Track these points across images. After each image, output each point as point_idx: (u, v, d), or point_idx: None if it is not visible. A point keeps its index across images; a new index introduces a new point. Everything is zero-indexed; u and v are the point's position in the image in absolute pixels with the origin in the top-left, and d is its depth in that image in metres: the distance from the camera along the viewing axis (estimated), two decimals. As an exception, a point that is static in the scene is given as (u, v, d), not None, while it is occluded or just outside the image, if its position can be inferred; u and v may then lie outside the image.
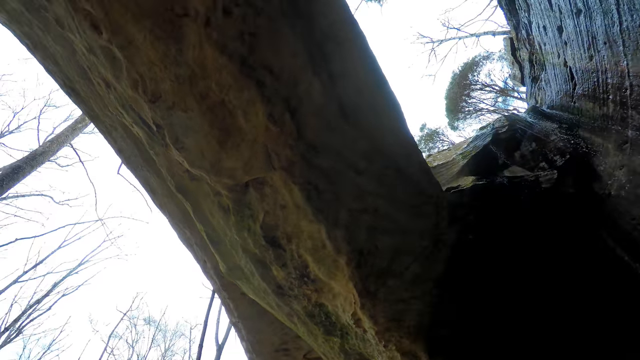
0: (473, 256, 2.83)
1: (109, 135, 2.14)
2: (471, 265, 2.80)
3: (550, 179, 3.53)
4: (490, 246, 2.93)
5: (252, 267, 2.34)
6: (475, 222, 3.02)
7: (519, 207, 3.25)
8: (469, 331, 2.61)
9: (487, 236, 2.97)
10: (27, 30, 2.12)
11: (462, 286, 2.71)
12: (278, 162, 1.71)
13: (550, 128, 4.31)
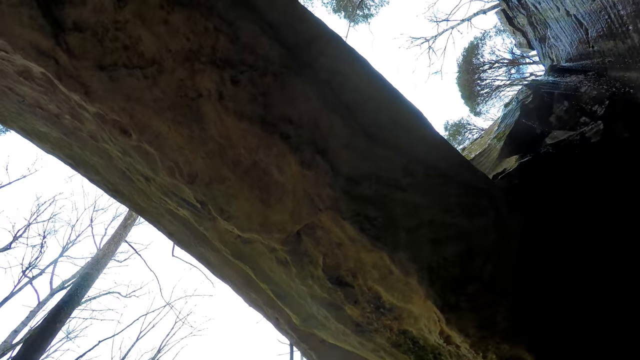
0: (545, 237, 2.62)
1: (158, 223, 2.26)
2: (546, 247, 2.59)
3: (597, 131, 3.28)
4: (559, 221, 2.72)
5: (325, 312, 2.28)
6: (534, 200, 2.83)
7: (574, 171, 3.03)
8: (566, 320, 2.37)
9: (553, 212, 2.76)
10: (68, 151, 2.34)
11: (542, 274, 2.50)
12: (322, 203, 1.71)
13: (577, 80, 4.09)
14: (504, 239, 2.47)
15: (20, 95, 1.92)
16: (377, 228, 1.86)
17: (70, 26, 1.76)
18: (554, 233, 2.60)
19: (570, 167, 3.03)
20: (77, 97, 1.78)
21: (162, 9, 1.69)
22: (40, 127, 2.13)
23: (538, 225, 2.61)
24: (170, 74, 1.58)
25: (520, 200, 2.75)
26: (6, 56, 1.74)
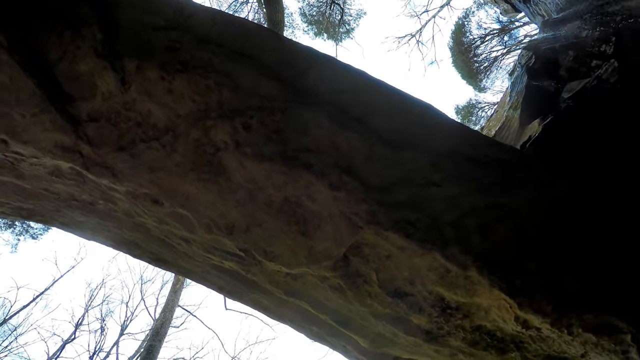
0: (588, 193, 2.48)
1: (205, 281, 2.29)
2: (591, 203, 2.44)
3: (613, 69, 3.15)
4: (598, 174, 2.57)
5: (391, 328, 2.21)
6: (568, 159, 2.70)
7: (601, 116, 2.89)
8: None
9: (589, 165, 2.62)
10: (107, 233, 2.44)
11: (596, 231, 2.35)
12: (361, 220, 1.69)
13: (575, 27, 3.97)
14: (550, 206, 2.35)
15: (55, 193, 2.04)
16: (422, 230, 1.81)
17: (85, 119, 1.87)
18: (596, 187, 2.46)
19: (596, 113, 2.89)
20: (106, 181, 1.86)
21: (164, 80, 1.78)
22: (77, 217, 2.24)
23: (579, 183, 2.48)
24: (185, 137, 1.64)
25: (555, 163, 2.64)
26: (37, 161, 1.86)
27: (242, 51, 1.78)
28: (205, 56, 1.79)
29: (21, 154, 1.94)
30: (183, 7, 1.99)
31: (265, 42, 1.93)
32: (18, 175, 2.00)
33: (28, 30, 1.96)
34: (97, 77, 1.90)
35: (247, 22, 2.02)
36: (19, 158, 1.97)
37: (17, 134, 1.90)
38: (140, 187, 1.70)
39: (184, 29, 1.93)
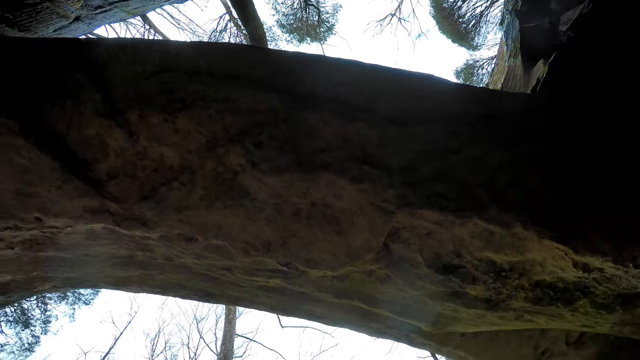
0: (609, 117, 2.36)
1: (256, 304, 2.31)
2: (615, 126, 2.32)
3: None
4: (616, 95, 2.44)
5: (450, 305, 2.16)
6: (585, 91, 2.59)
7: (608, 37, 2.75)
8: None
9: (605, 90, 2.50)
10: (152, 281, 2.50)
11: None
12: (392, 205, 1.67)
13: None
14: (576, 140, 2.26)
15: (95, 255, 2.11)
16: (455, 199, 1.77)
17: (105, 178, 1.93)
18: (617, 109, 2.34)
19: (600, 37, 2.76)
20: (139, 232, 1.91)
21: (167, 121, 1.82)
22: (120, 273, 2.32)
23: (599, 110, 2.37)
24: (202, 170, 1.67)
25: (570, 97, 2.53)
26: (72, 229, 1.93)
27: (234, 74, 1.81)
28: (200, 88, 1.82)
29: (56, 227, 2.02)
30: (168, 49, 2.03)
31: (253, 59, 1.95)
32: (58, 248, 2.08)
33: (33, 110, 2.05)
34: (105, 136, 1.97)
35: (231, 44, 2.05)
36: (55, 231, 2.05)
37: (48, 209, 1.98)
38: (172, 229, 1.74)
39: (173, 69, 1.97)
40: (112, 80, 2.06)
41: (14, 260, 2.25)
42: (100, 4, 3.78)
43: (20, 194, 1.97)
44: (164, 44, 2.12)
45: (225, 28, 10.28)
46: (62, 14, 3.56)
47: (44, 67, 2.20)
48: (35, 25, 3.53)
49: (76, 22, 3.76)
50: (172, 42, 2.13)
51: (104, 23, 4.28)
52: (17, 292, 2.41)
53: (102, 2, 3.76)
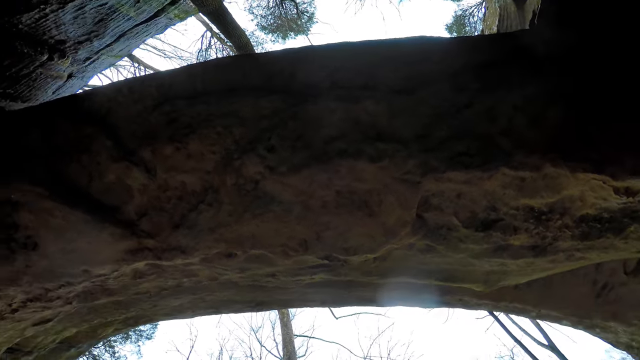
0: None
1: (306, 302, 2.34)
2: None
3: None
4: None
5: (497, 260, 2.12)
6: (588, 9, 2.46)
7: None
8: None
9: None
10: (203, 304, 2.58)
11: None
12: (416, 176, 1.66)
13: None
14: (588, 63, 2.16)
15: (145, 292, 2.20)
16: (477, 154, 1.74)
17: (136, 217, 1.99)
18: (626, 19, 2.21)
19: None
20: (180, 261, 1.98)
21: (179, 149, 1.86)
22: (172, 302, 2.40)
23: (609, 28, 2.25)
24: (224, 187, 1.70)
25: (572, 20, 2.41)
26: (118, 273, 2.02)
27: (230, 87, 1.82)
28: (202, 109, 1.85)
29: (103, 274, 2.11)
30: (162, 80, 2.07)
31: (244, 68, 1.96)
32: (110, 293, 2.18)
33: (55, 171, 2.13)
34: (126, 178, 2.03)
35: (219, 59, 2.06)
36: (103, 278, 2.14)
37: (92, 260, 2.07)
38: (210, 250, 1.79)
39: (172, 98, 2.01)
40: (118, 124, 2.12)
41: (75, 314, 2.37)
42: (88, 56, 3.88)
43: (64, 252, 2.07)
44: (157, 76, 2.16)
45: (209, 45, 10.37)
46: (56, 76, 3.67)
47: (53, 128, 2.29)
48: (35, 92, 3.67)
49: (70, 79, 3.88)
50: (164, 73, 2.17)
51: (95, 73, 4.39)
52: (85, 341, 2.55)
53: (89, 53, 3.86)
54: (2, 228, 2.18)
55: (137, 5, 3.85)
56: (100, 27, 3.81)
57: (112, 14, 3.78)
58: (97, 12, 3.68)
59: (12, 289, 2.28)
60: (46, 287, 2.31)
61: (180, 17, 4.22)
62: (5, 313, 2.36)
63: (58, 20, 3.38)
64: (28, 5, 2.90)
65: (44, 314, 2.40)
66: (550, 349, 8.74)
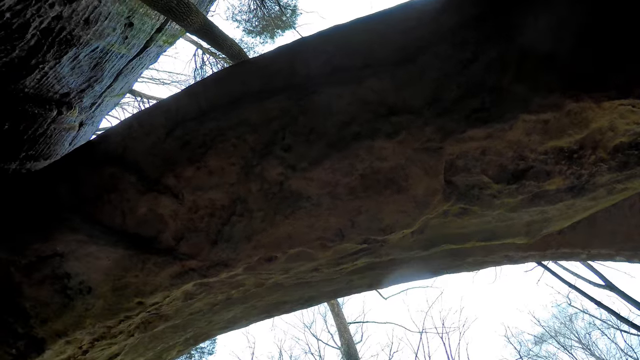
0: None
1: (352, 289, 2.37)
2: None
3: None
4: None
5: (536, 209, 2.07)
6: None
7: None
8: None
9: None
10: (255, 310, 2.64)
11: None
12: (436, 141, 1.65)
13: None
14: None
15: (198, 311, 2.28)
16: (493, 107, 1.70)
17: (174, 243, 2.06)
18: None
19: None
20: (224, 274, 2.03)
21: (200, 169, 1.91)
22: (226, 315, 2.48)
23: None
24: (250, 194, 1.73)
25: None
26: (169, 299, 2.10)
27: (234, 97, 1.85)
28: (212, 126, 1.89)
29: (157, 302, 2.19)
30: (168, 107, 2.12)
31: (242, 75, 1.98)
32: (166, 319, 2.27)
33: (90, 216, 2.23)
34: (156, 208, 2.09)
35: (216, 73, 2.09)
36: (157, 306, 2.23)
37: (144, 291, 2.16)
38: (251, 258, 1.83)
39: (181, 121, 2.05)
40: (137, 158, 2.19)
41: (138, 345, 2.48)
42: (93, 101, 4.01)
43: (117, 289, 2.17)
44: (162, 104, 2.21)
45: (203, 62, 10.50)
46: (69, 127, 3.82)
47: (78, 178, 2.38)
48: (54, 148, 3.83)
49: (82, 127, 4.02)
50: (168, 99, 2.22)
51: (103, 116, 4.54)
52: (153, 369, 2.67)
53: (93, 98, 3.99)
54: (57, 279, 2.30)
55: (126, 42, 3.93)
56: (98, 71, 3.92)
57: (105, 56, 3.88)
58: (91, 58, 3.78)
59: (78, 332, 2.41)
60: (108, 325, 2.42)
61: (169, 42, 4.28)
62: (77, 355, 2.50)
63: (57, 74, 3.50)
64: (28, 68, 3.02)
65: (112, 349, 2.53)
66: (608, 288, 8.47)
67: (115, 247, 2.22)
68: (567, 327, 20.09)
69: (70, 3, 2.95)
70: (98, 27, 3.51)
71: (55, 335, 2.41)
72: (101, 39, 3.68)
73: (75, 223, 2.33)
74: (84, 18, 3.24)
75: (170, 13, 2.49)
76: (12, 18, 2.55)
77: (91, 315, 2.38)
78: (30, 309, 2.39)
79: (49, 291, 2.36)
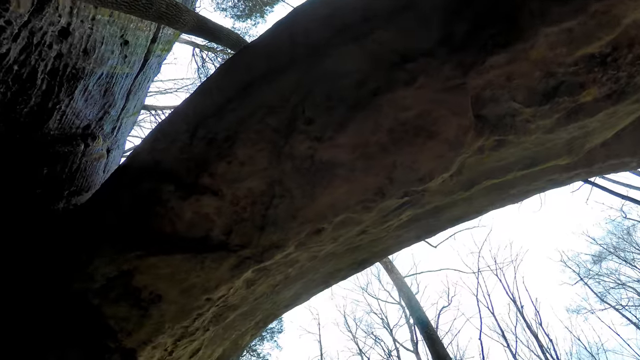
0: None
1: (402, 244, 2.40)
2: None
3: None
4: None
5: (574, 125, 1.96)
6: None
7: None
8: None
9: None
10: (313, 283, 2.76)
11: None
12: (457, 79, 1.60)
13: None
14: None
15: (261, 295, 2.41)
16: (510, 29, 1.62)
17: (225, 238, 2.16)
18: None
19: None
20: (279, 256, 2.12)
21: (231, 163, 1.96)
22: (287, 294, 2.60)
23: None
24: (284, 174, 1.77)
25: None
26: (234, 289, 2.23)
27: (245, 83, 1.87)
28: (232, 118, 1.92)
29: (223, 295, 2.34)
30: (185, 111, 2.17)
31: (246, 61, 1.98)
32: (234, 308, 2.42)
33: (143, 233, 2.36)
34: (200, 209, 2.19)
35: (222, 65, 2.10)
36: (224, 299, 2.38)
37: (208, 287, 2.30)
38: (299, 234, 1.89)
39: (202, 121, 2.10)
40: (170, 167, 2.27)
41: (215, 337, 2.67)
42: (113, 126, 4.16)
43: (184, 292, 2.32)
44: (180, 110, 2.26)
45: (203, 60, 10.53)
46: (99, 157, 4.01)
47: (120, 202, 2.51)
48: (91, 179, 4.04)
49: (110, 153, 4.21)
50: (183, 104, 2.27)
51: (125, 137, 4.71)
52: (232, 354, 2.88)
53: (112, 123, 4.14)
54: (130, 294, 2.49)
55: (127, 60, 4.00)
56: (109, 96, 4.04)
57: (111, 80, 3.98)
58: (99, 86, 3.89)
59: (161, 337, 2.62)
60: (184, 325, 2.62)
61: (166, 49, 4.31)
62: (165, 357, 2.74)
63: (74, 110, 3.64)
64: (47, 111, 3.15)
65: (193, 345, 2.74)
66: (663, 193, 8.02)
67: (172, 255, 2.36)
68: (626, 241, 19.48)
69: (65, 38, 3.01)
70: (97, 54, 3.58)
71: (142, 344, 2.63)
72: (103, 65, 3.76)
73: (131, 241, 2.48)
74: (82, 49, 3.31)
75: (163, 19, 2.49)
76: (20, 69, 2.65)
77: (167, 319, 2.56)
78: (114, 325, 2.61)
79: (125, 307, 2.56)
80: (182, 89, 13.00)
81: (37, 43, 2.65)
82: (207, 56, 10.42)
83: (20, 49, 2.53)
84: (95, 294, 2.59)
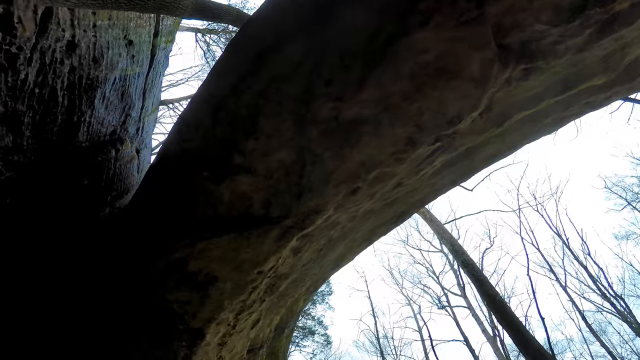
0: None
1: (438, 191, 2.41)
2: None
3: None
4: None
5: (608, 38, 1.82)
6: None
7: None
8: None
9: None
10: (354, 243, 2.85)
11: None
12: (472, 11, 1.51)
13: None
14: None
15: (307, 261, 2.52)
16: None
17: (265, 211, 2.24)
18: None
19: None
20: (320, 220, 2.19)
21: (258, 139, 2.00)
22: (333, 256, 2.71)
23: None
24: (312, 140, 1.79)
25: None
26: (282, 259, 2.34)
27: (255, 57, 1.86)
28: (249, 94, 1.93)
29: (273, 266, 2.47)
30: (204, 97, 2.21)
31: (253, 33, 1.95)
32: (285, 276, 2.56)
33: (187, 219, 2.49)
34: (237, 188, 2.27)
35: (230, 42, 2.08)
36: (274, 269, 2.52)
37: (258, 261, 2.44)
38: (336, 196, 1.94)
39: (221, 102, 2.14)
40: (201, 153, 2.34)
41: (272, 306, 2.86)
42: (136, 127, 4.30)
43: (236, 268, 2.47)
44: (197, 98, 2.30)
45: (207, 44, 10.42)
46: (130, 159, 4.19)
47: (159, 197, 2.63)
48: (128, 181, 4.26)
49: (140, 153, 4.38)
50: (199, 90, 2.29)
51: (150, 136, 4.87)
52: (290, 320, 3.07)
53: (135, 124, 4.28)
54: (188, 279, 2.67)
55: (135, 60, 4.05)
56: (126, 99, 4.15)
57: (125, 83, 4.07)
58: (115, 90, 3.99)
59: (222, 313, 2.83)
60: (242, 300, 2.80)
61: (169, 40, 4.32)
62: (230, 331, 2.97)
63: (98, 119, 3.77)
64: (74, 125, 3.29)
65: (253, 317, 2.95)
66: None
67: (219, 237, 2.48)
68: (675, 157, 18.23)
69: (73, 51, 3.07)
70: (106, 59, 3.64)
71: (207, 322, 2.86)
72: (114, 69, 3.83)
73: (180, 229, 2.62)
74: (91, 58, 3.37)
75: (162, 8, 2.48)
76: (41, 90, 2.75)
77: (226, 297, 2.75)
78: (178, 309, 2.84)
79: (185, 291, 2.77)
80: (193, 77, 13.02)
81: (50, 62, 2.72)
82: (210, 39, 10.28)
83: (36, 72, 2.62)
84: (157, 285, 2.80)
